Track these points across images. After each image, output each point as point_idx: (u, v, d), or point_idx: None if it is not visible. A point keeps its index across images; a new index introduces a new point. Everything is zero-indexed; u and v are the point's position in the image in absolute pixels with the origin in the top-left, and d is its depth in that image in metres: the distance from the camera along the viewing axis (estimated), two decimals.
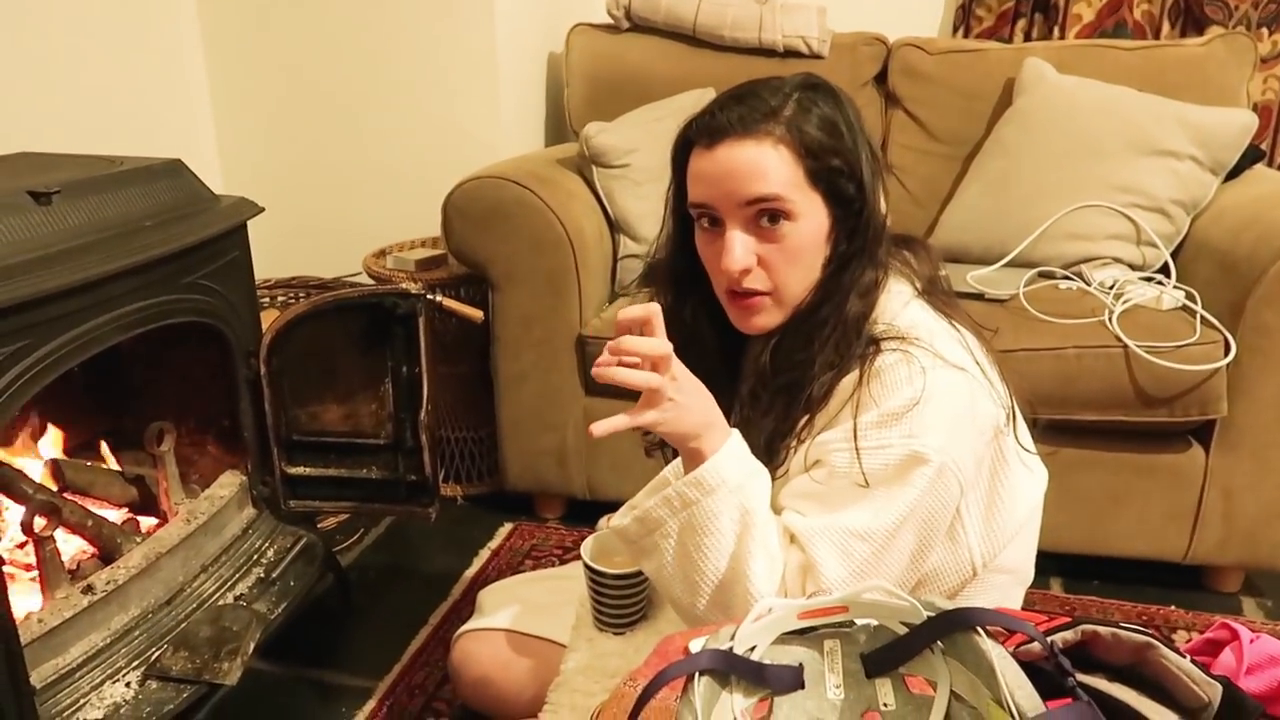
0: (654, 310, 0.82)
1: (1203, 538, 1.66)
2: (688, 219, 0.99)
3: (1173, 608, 1.69)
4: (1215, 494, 1.63)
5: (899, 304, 0.95)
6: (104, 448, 1.54)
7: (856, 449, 0.86)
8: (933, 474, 0.85)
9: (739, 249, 0.92)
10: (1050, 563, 1.77)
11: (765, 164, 0.90)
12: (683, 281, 1.03)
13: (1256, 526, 1.64)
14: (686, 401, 0.84)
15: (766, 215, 0.91)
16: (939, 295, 0.99)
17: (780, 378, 0.94)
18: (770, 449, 0.94)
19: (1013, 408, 0.95)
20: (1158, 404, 1.58)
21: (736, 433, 0.89)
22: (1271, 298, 1.51)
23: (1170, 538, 1.67)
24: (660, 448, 1.07)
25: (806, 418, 0.92)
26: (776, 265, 0.93)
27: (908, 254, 1.01)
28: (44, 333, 1.05)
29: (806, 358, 0.92)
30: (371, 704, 1.47)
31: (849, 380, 0.90)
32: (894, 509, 0.85)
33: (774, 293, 0.94)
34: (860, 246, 0.94)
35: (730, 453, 0.86)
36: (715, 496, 0.85)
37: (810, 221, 0.92)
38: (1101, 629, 0.62)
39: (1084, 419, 1.62)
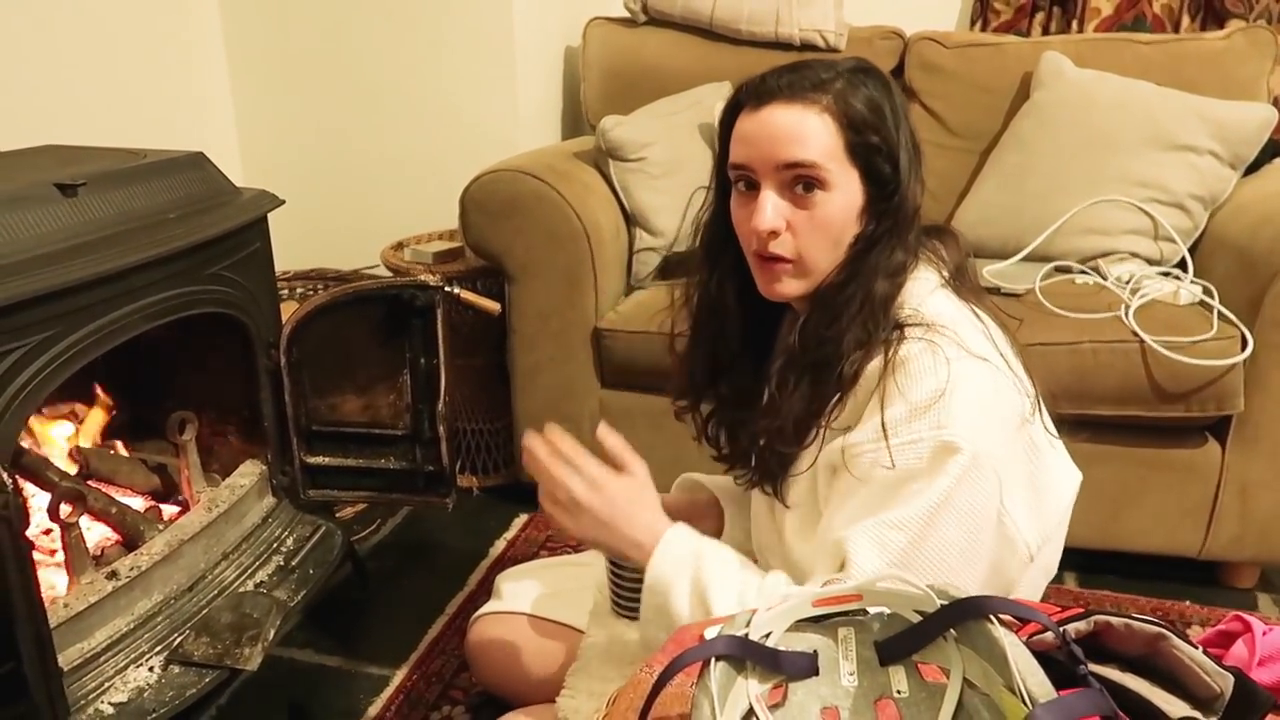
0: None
1: (1218, 533, 1.65)
2: (727, 186, 1.00)
3: (1187, 603, 1.69)
4: (1231, 490, 1.62)
5: (924, 291, 0.95)
6: (124, 439, 1.56)
7: (888, 447, 0.86)
8: (966, 462, 0.85)
9: (769, 209, 0.93)
10: (1065, 557, 1.73)
11: (807, 129, 0.91)
12: (713, 251, 1.05)
13: (1272, 522, 1.63)
14: (602, 517, 0.94)
15: (801, 182, 0.92)
16: (966, 284, 0.99)
17: (808, 355, 0.95)
18: (799, 430, 0.95)
19: (1037, 396, 0.96)
20: (1174, 399, 1.57)
21: (668, 536, 0.93)
22: None
23: (1186, 533, 1.67)
24: (689, 411, 1.13)
25: (837, 397, 0.93)
26: (804, 233, 0.94)
27: (937, 243, 1.01)
28: (70, 323, 1.07)
29: (833, 334, 0.93)
30: (389, 691, 1.48)
31: (874, 367, 0.91)
32: (927, 496, 0.85)
33: (797, 261, 0.95)
34: (890, 228, 0.94)
35: (663, 561, 0.92)
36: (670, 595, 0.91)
37: (843, 195, 0.93)
38: (1114, 619, 0.63)
39: (1100, 414, 1.61)
